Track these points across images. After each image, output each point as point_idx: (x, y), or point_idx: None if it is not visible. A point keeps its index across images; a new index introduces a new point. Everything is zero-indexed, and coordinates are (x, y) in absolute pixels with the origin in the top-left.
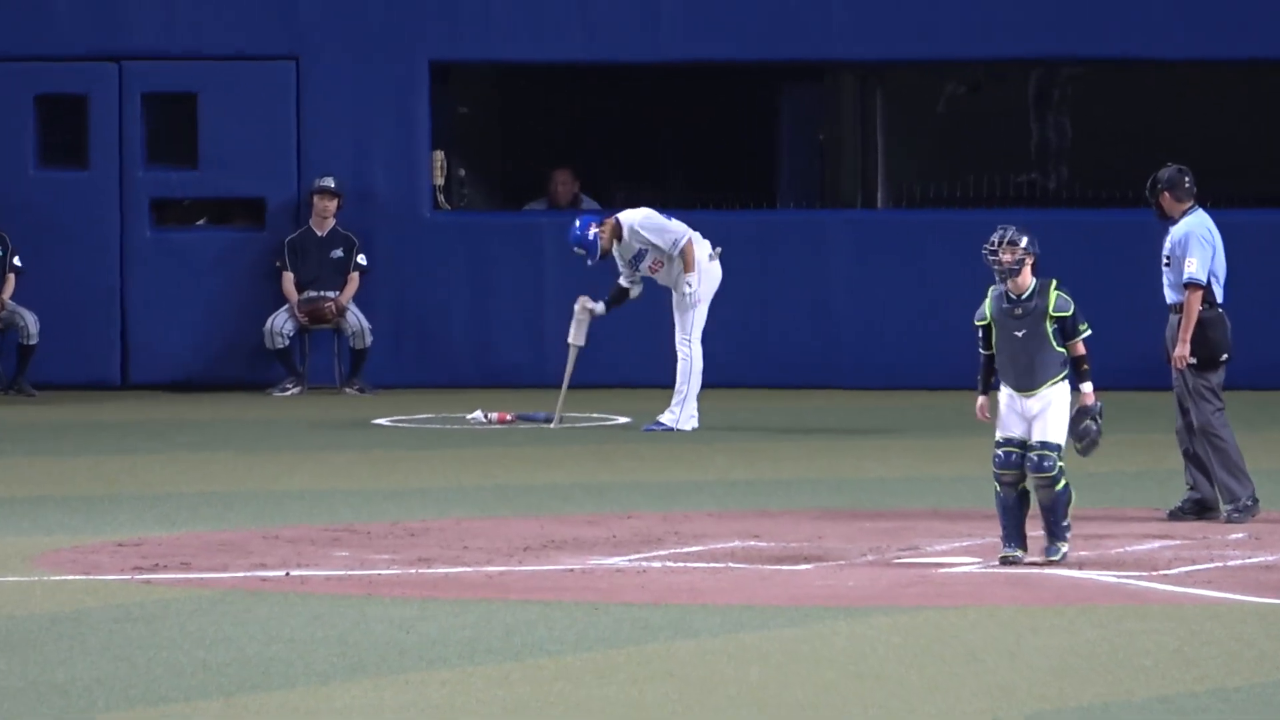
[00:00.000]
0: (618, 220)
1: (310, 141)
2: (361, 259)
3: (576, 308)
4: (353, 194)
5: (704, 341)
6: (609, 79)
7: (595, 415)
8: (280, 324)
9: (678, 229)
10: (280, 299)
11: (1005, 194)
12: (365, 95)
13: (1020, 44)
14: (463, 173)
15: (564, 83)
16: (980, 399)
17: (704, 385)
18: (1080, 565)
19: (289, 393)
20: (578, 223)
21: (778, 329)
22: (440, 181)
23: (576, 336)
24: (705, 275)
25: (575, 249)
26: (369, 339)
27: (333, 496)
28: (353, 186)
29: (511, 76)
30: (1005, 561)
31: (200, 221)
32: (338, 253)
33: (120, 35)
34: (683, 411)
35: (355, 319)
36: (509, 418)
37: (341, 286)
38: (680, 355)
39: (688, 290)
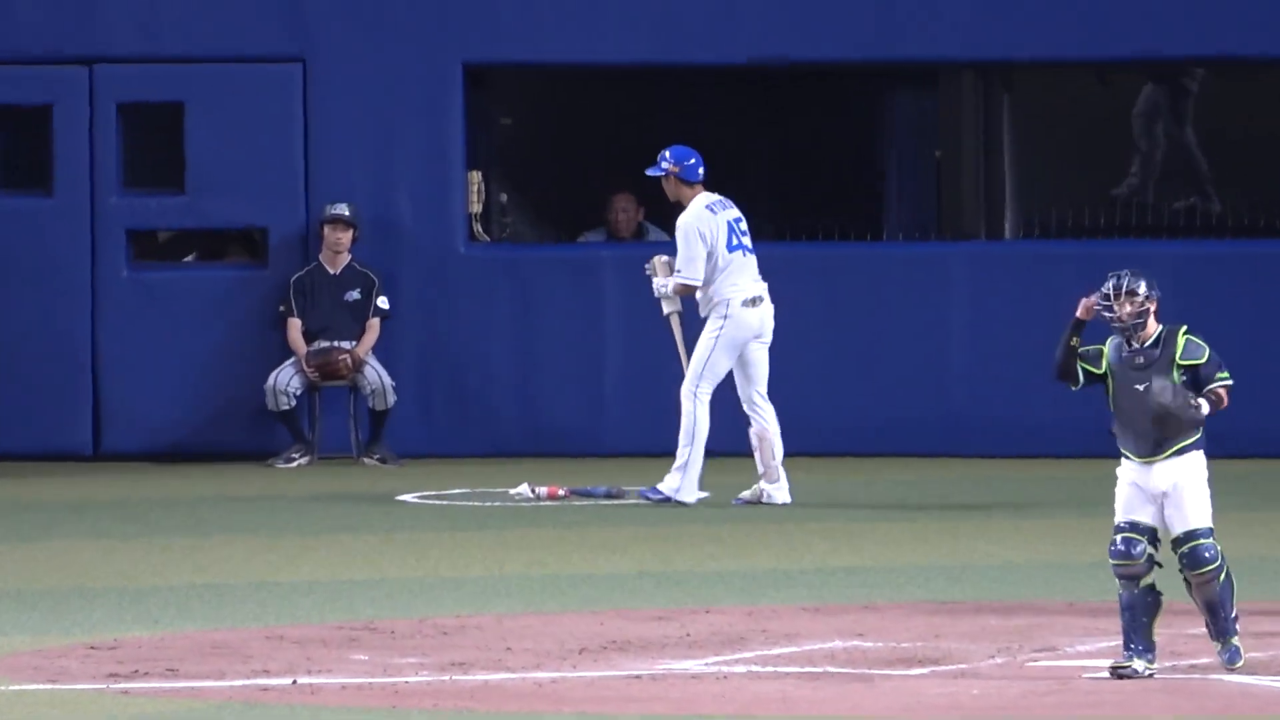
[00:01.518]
0: (695, 198)
1: (320, 161)
2: (382, 302)
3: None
4: (371, 224)
5: (789, 397)
6: (680, 85)
7: None
8: (285, 381)
9: (690, 272)
10: (285, 350)
11: (1159, 221)
12: (386, 104)
13: (1184, 41)
14: (505, 197)
15: (626, 89)
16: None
17: (796, 451)
18: (1250, 669)
19: (295, 463)
20: (672, 150)
21: (885, 384)
22: (477, 208)
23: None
24: (733, 322)
25: None
26: (392, 398)
27: (349, 589)
28: (371, 215)
29: (562, 82)
30: (1116, 673)
31: (188, 258)
32: (354, 294)
33: (91, 33)
34: (684, 478)
35: (375, 374)
36: (561, 493)
37: (358, 335)
38: (683, 410)
39: (660, 288)
